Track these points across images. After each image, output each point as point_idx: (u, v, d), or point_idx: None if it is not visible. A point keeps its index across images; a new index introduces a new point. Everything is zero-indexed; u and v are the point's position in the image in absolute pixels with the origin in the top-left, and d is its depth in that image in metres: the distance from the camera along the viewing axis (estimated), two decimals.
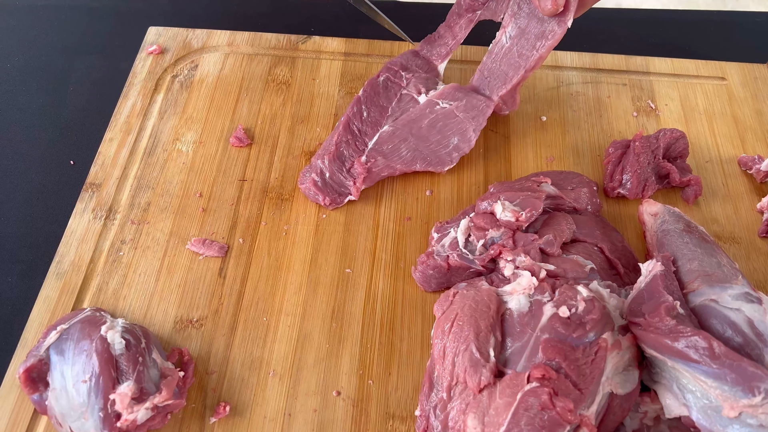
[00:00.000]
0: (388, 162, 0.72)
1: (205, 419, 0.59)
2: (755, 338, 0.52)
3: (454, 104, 0.74)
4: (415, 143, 0.73)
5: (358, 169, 0.71)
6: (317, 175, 0.71)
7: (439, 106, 0.75)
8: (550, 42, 0.68)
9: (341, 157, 0.72)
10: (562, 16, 0.66)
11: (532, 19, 0.70)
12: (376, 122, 0.75)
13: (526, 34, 0.70)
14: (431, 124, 0.74)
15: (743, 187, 0.76)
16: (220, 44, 0.87)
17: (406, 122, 0.75)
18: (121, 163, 0.75)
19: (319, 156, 0.73)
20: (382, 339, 0.64)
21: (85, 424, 0.53)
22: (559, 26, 0.67)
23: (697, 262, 0.59)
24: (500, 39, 0.73)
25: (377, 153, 0.73)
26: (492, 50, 0.74)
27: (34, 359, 0.56)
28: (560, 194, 0.68)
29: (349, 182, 0.72)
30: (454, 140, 0.74)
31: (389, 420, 0.60)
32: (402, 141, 0.73)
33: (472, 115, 0.74)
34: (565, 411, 0.49)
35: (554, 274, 0.61)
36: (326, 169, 0.71)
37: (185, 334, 0.64)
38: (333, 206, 0.72)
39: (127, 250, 0.69)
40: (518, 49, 0.71)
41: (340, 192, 0.72)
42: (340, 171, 0.72)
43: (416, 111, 0.75)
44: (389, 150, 0.73)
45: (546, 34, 0.68)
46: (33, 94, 0.84)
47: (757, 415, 0.47)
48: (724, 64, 0.87)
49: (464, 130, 0.74)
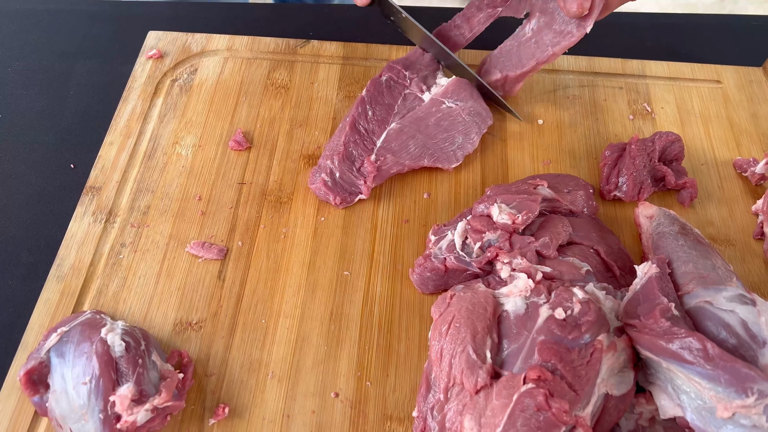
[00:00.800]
0: (397, 159, 0.73)
1: (205, 421, 0.59)
2: (749, 340, 0.52)
3: (459, 105, 0.76)
4: (423, 140, 0.75)
5: (368, 168, 0.72)
6: (327, 175, 0.72)
7: (445, 105, 0.76)
8: (565, 43, 0.70)
9: (350, 156, 0.73)
10: (584, 20, 0.67)
11: (555, 17, 0.71)
12: (383, 121, 0.76)
13: (547, 30, 0.72)
14: (437, 123, 0.76)
15: (738, 189, 0.76)
16: (219, 48, 0.87)
17: (413, 120, 0.76)
18: (121, 166, 0.76)
19: (328, 156, 0.74)
20: (380, 341, 0.64)
21: (85, 426, 0.54)
22: (578, 29, 0.69)
23: (692, 264, 0.59)
24: (524, 28, 0.75)
25: (386, 150, 0.74)
26: (515, 36, 0.76)
27: (35, 362, 0.57)
28: (557, 197, 0.69)
29: (359, 181, 0.72)
30: (459, 139, 0.76)
31: (387, 421, 0.60)
32: (410, 138, 0.74)
33: (476, 119, 0.77)
34: (560, 412, 0.49)
35: (550, 276, 0.62)
36: (336, 169, 0.72)
37: (184, 336, 0.64)
38: (344, 205, 0.73)
39: (127, 253, 0.69)
40: (536, 41, 0.73)
41: (351, 191, 0.73)
42: (350, 170, 0.72)
43: (422, 109, 0.77)
44: (397, 147, 0.74)
45: (564, 34, 0.70)
46: (34, 98, 0.84)
47: (750, 415, 0.48)
48: (720, 68, 0.87)
49: (468, 131, 0.76)
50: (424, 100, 0.78)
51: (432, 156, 0.75)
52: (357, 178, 0.73)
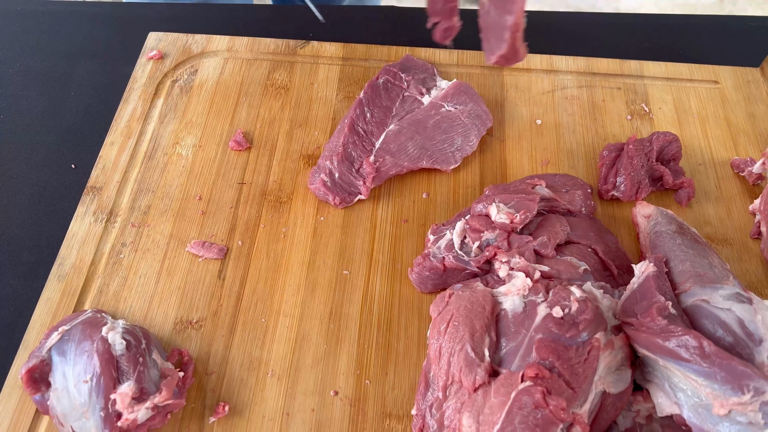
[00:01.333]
0: (395, 160, 0.74)
1: (205, 419, 0.60)
2: (745, 338, 0.53)
3: (459, 108, 0.77)
4: (422, 141, 0.75)
5: (367, 169, 0.72)
6: (326, 175, 0.72)
7: (445, 108, 0.77)
8: None
9: (349, 157, 0.73)
10: None
11: None
12: (381, 122, 0.76)
13: None
14: (436, 125, 0.76)
15: (736, 189, 0.77)
16: (219, 49, 0.88)
17: (411, 122, 0.76)
18: (122, 166, 0.76)
19: (327, 157, 0.74)
20: (379, 339, 0.65)
21: (86, 424, 0.54)
22: None
23: (689, 263, 0.60)
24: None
25: (385, 152, 0.74)
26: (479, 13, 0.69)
27: (36, 360, 0.57)
28: (555, 196, 0.69)
29: (359, 182, 0.73)
30: (458, 141, 0.76)
31: (386, 419, 0.60)
32: (408, 139, 0.75)
33: (475, 122, 0.77)
34: (558, 409, 0.49)
35: (548, 275, 0.62)
36: (335, 170, 0.72)
37: (185, 335, 0.65)
38: (343, 205, 0.73)
39: (128, 252, 0.70)
40: None
41: (350, 191, 0.73)
42: (349, 171, 0.73)
43: (421, 111, 0.77)
44: (396, 148, 0.75)
45: None
46: (35, 99, 0.85)
47: (746, 412, 0.48)
48: (717, 68, 0.88)
49: (467, 133, 0.77)
50: (424, 102, 0.78)
51: (431, 157, 0.75)
52: (356, 179, 0.73)
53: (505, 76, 0.86)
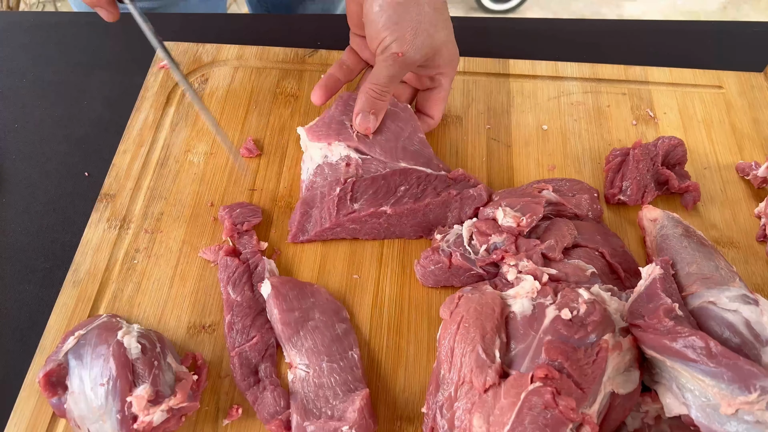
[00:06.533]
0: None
1: (218, 421, 0.61)
2: (752, 339, 0.53)
3: None
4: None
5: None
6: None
7: None
8: None
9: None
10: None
11: None
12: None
13: None
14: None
15: (741, 192, 0.77)
16: (229, 58, 0.89)
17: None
18: (135, 174, 0.77)
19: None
20: (389, 342, 0.66)
21: (103, 426, 0.55)
22: None
23: (696, 266, 0.61)
24: None
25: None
26: None
27: (53, 364, 0.58)
28: (562, 201, 0.70)
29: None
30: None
31: (397, 421, 0.61)
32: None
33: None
34: (567, 410, 0.50)
35: (556, 278, 0.63)
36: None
37: (198, 339, 0.66)
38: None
39: (141, 258, 0.71)
40: None
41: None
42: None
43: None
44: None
45: None
46: (48, 109, 0.86)
47: (753, 411, 0.48)
48: (722, 73, 0.89)
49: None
50: None
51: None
52: None
53: (511, 83, 0.87)
